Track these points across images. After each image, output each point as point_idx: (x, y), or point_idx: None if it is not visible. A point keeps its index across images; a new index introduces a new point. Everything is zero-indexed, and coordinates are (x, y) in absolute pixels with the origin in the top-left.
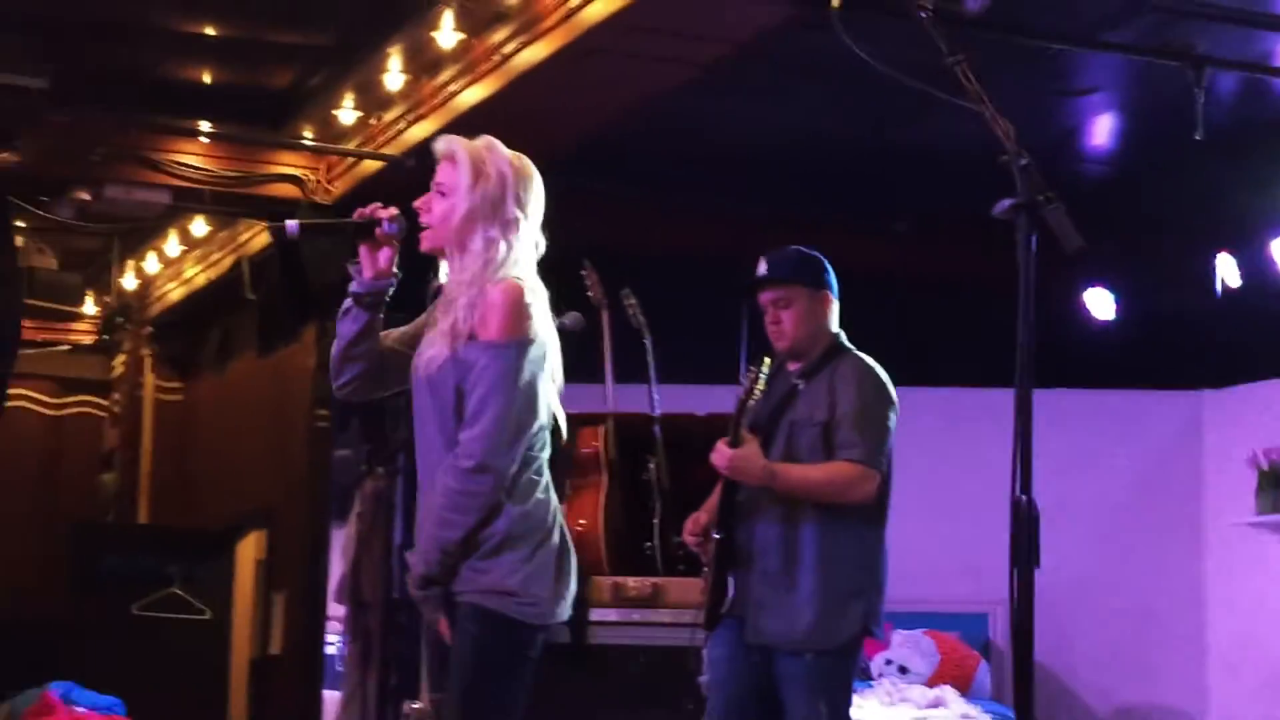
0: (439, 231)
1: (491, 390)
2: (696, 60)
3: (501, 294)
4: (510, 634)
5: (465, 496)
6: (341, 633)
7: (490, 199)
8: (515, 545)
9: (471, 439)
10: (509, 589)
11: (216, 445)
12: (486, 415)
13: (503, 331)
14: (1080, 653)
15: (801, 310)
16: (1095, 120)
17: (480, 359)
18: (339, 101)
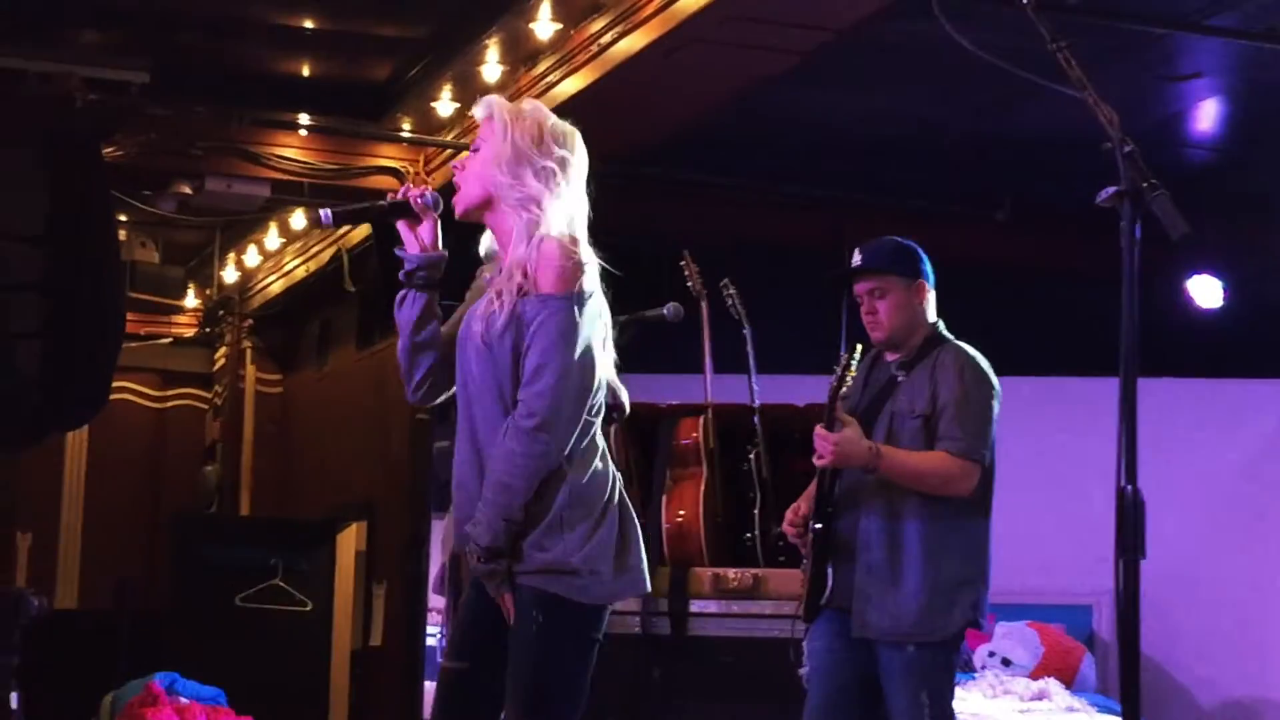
0: (470, 187)
1: (551, 344)
2: (795, 49)
3: (554, 246)
4: (576, 618)
5: (528, 458)
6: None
7: (524, 147)
8: (576, 520)
9: (534, 395)
10: (571, 567)
11: (317, 437)
12: (547, 371)
13: (558, 284)
14: (1185, 644)
15: (897, 300)
16: (1199, 105)
17: (538, 313)
18: (437, 93)
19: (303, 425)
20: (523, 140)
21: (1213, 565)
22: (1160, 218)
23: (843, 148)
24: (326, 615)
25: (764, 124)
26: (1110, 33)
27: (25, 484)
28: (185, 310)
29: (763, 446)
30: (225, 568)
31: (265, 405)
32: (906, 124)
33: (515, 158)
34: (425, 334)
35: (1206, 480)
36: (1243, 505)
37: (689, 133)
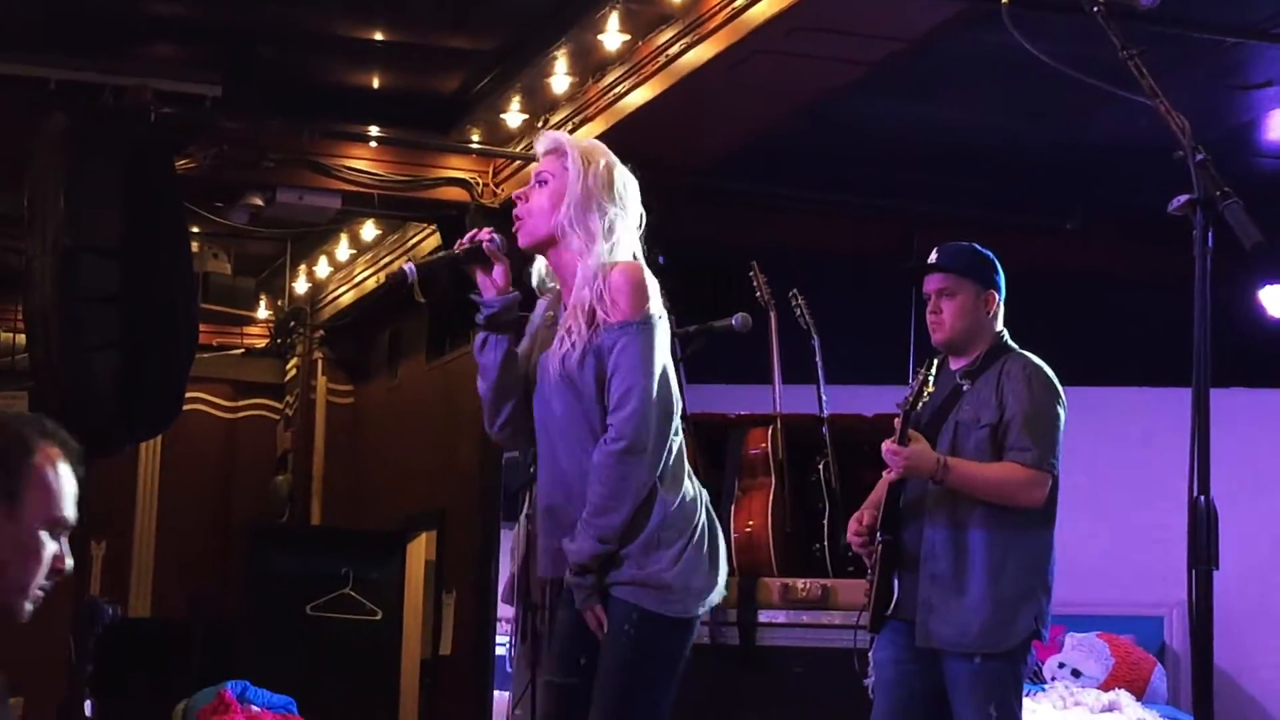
0: (537, 221)
1: (634, 369)
2: (863, 60)
3: (623, 274)
4: (669, 633)
5: (623, 480)
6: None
7: (595, 190)
8: (671, 539)
9: (623, 420)
10: (666, 583)
11: (387, 447)
12: (634, 395)
13: (632, 310)
14: (1258, 657)
15: (964, 304)
16: (1271, 114)
17: (617, 340)
18: (506, 105)
19: (373, 435)
20: (594, 183)
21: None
22: (1233, 226)
23: (912, 157)
24: (396, 624)
25: (833, 134)
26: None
27: (100, 493)
28: (257, 321)
29: (831, 457)
30: (296, 577)
31: (336, 415)
32: (976, 133)
33: (585, 200)
34: (509, 378)
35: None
36: None
37: (758, 143)
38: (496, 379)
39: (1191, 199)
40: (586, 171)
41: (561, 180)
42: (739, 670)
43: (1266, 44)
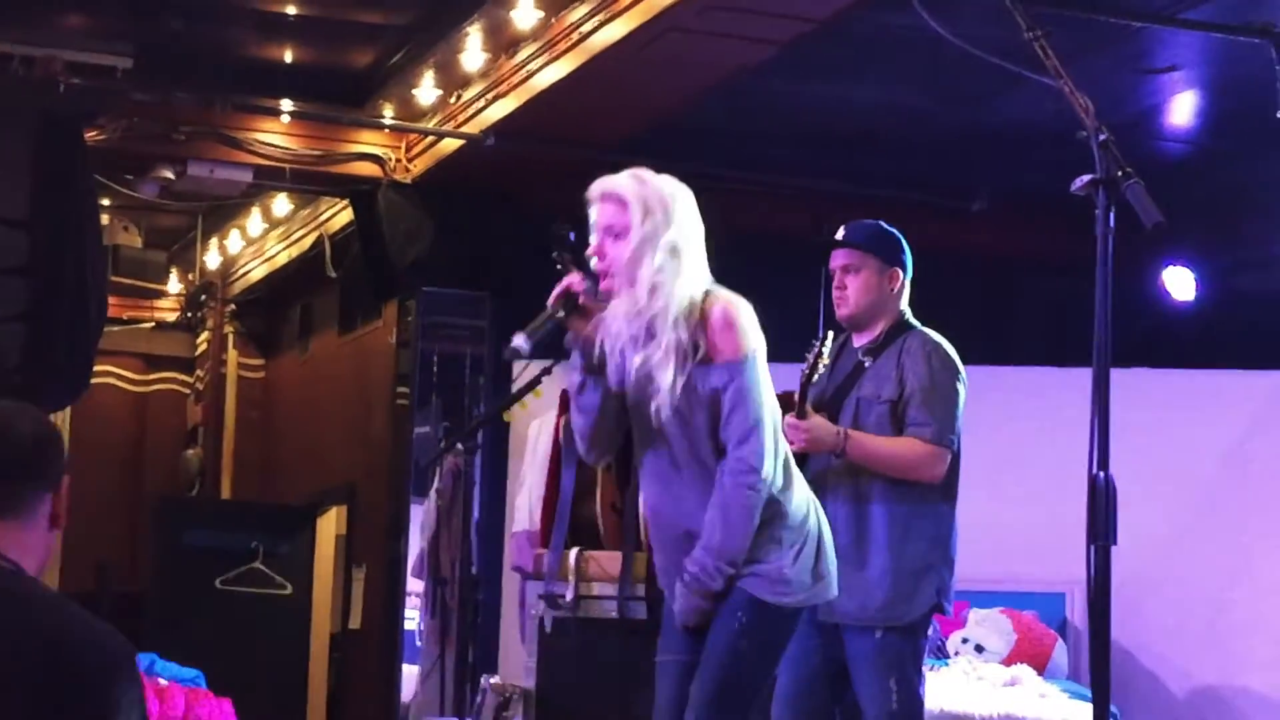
0: (619, 274)
1: (752, 406)
2: (773, 39)
3: (723, 313)
4: (777, 622)
5: (748, 509)
6: (421, 608)
7: (659, 228)
8: (790, 540)
9: (748, 454)
10: (785, 577)
11: (298, 422)
12: (755, 431)
13: (740, 348)
14: (1158, 634)
15: (869, 280)
16: (1175, 98)
17: (729, 380)
18: (419, 80)
19: (284, 410)
20: (659, 230)
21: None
22: (1134, 205)
23: (823, 138)
24: (306, 598)
25: (745, 114)
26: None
27: None
28: (167, 295)
29: None
30: (206, 551)
31: (247, 390)
32: (886, 114)
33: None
34: (607, 412)
35: (1179, 470)
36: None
37: (670, 122)
38: (597, 418)
39: (1094, 179)
40: (645, 222)
41: (631, 233)
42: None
43: (1172, 29)
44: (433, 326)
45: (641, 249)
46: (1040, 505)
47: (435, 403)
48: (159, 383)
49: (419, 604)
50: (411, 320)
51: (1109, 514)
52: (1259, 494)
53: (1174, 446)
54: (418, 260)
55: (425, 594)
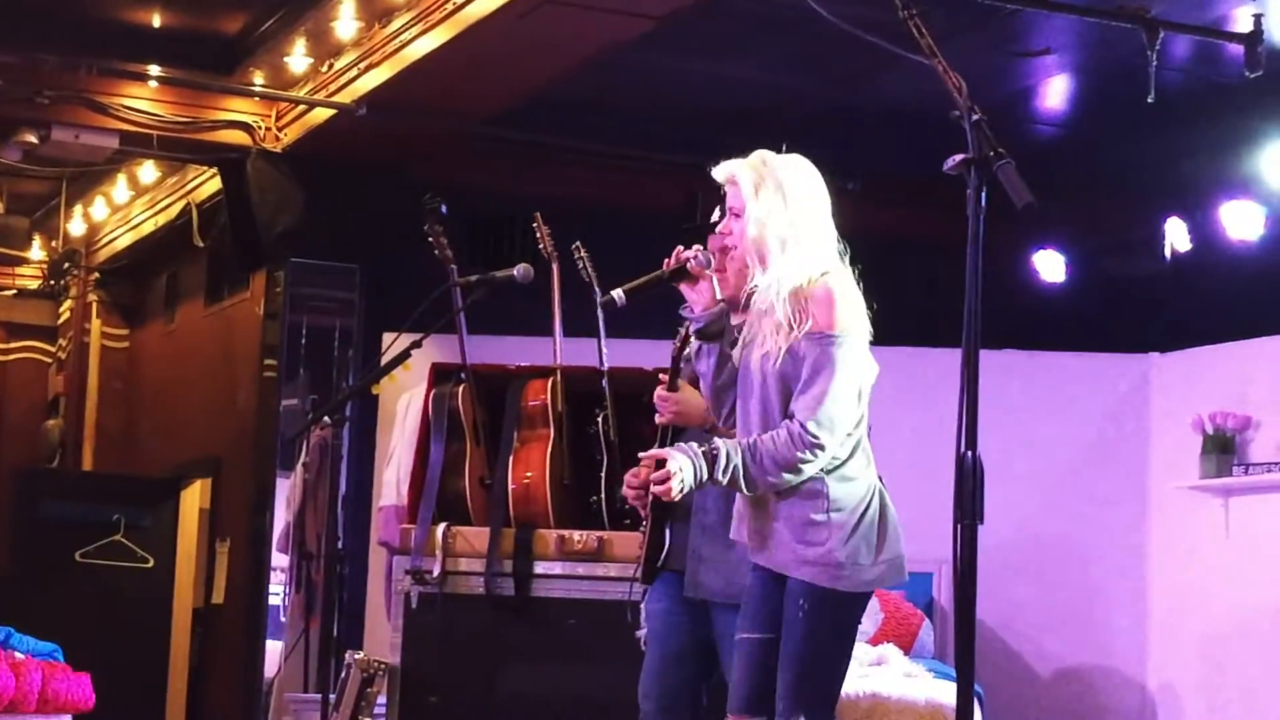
0: (742, 248)
1: (831, 380)
2: (649, 14)
3: (825, 289)
4: (839, 605)
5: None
6: (285, 583)
7: (775, 207)
8: (840, 521)
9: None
10: (837, 561)
11: (163, 393)
12: (826, 403)
13: (833, 324)
14: (1023, 613)
15: None
16: (1048, 82)
17: (813, 349)
18: (290, 48)
19: (148, 380)
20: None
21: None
22: (1005, 185)
23: (699, 115)
24: (168, 572)
25: (621, 89)
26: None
27: None
28: (29, 262)
29: (610, 410)
30: (66, 523)
31: (110, 359)
32: (762, 91)
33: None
34: (725, 377)
35: (1048, 452)
36: (1083, 477)
37: (546, 95)
38: (714, 382)
39: (966, 159)
40: (757, 199)
41: (747, 211)
42: (513, 621)
43: (1046, 12)
44: (301, 298)
45: (756, 227)
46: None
47: (303, 375)
48: (19, 351)
49: (283, 579)
50: (280, 291)
51: (976, 493)
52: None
53: (1041, 428)
54: (287, 231)
55: (290, 569)
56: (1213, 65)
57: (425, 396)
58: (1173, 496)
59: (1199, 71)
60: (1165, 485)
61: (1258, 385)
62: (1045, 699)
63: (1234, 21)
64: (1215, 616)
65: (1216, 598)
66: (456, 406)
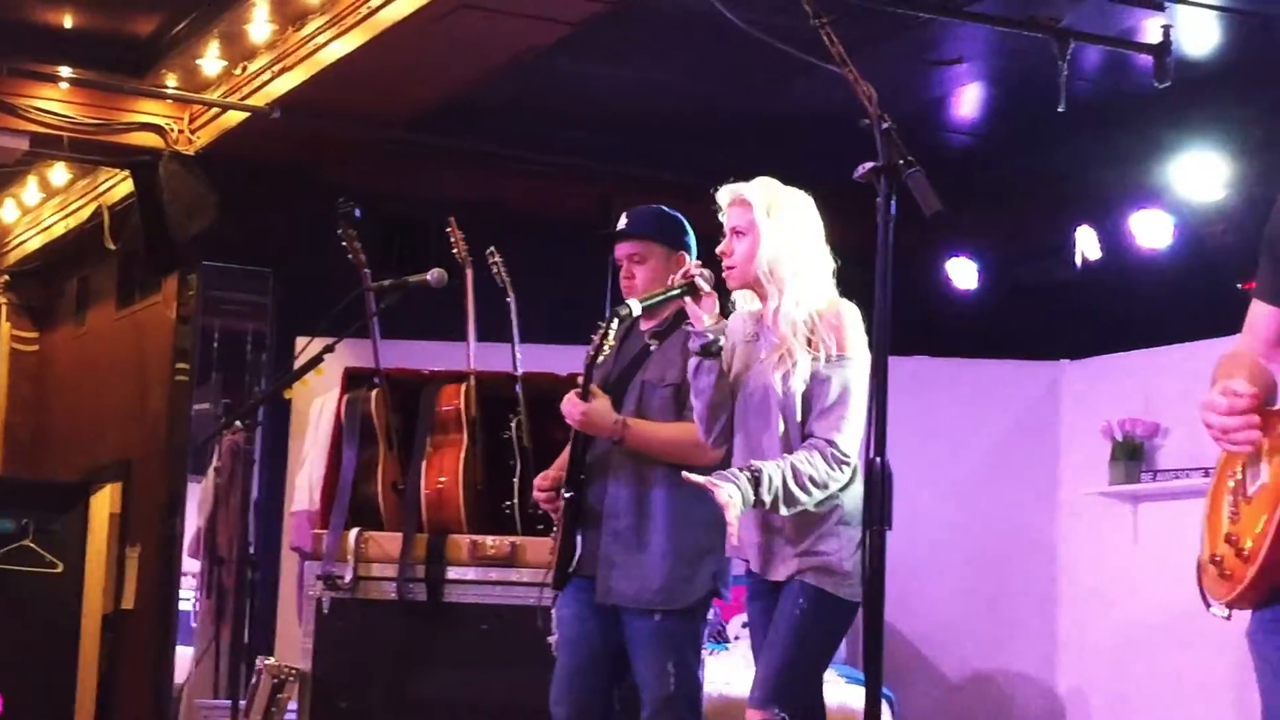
0: (744, 268)
1: (851, 402)
2: (565, 19)
3: (837, 314)
4: (836, 612)
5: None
6: (196, 588)
7: (785, 237)
8: (842, 532)
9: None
10: (842, 570)
11: (73, 396)
12: (848, 423)
13: (850, 346)
14: (933, 619)
15: (655, 268)
16: (960, 91)
17: (833, 372)
18: (203, 50)
19: (58, 384)
20: (783, 234)
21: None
22: (915, 193)
23: (614, 120)
24: (77, 577)
25: (538, 94)
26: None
27: None
28: None
29: (524, 415)
30: None
31: (19, 362)
32: (677, 98)
33: (777, 251)
34: (722, 394)
35: (959, 458)
36: (994, 483)
37: (462, 99)
38: (711, 398)
39: (875, 166)
40: (772, 224)
41: (755, 233)
42: (426, 627)
43: (958, 21)
44: (214, 301)
45: (762, 248)
46: None
47: (215, 379)
48: None
49: (194, 584)
50: (192, 295)
51: (885, 499)
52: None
53: (952, 434)
54: (200, 234)
55: (201, 574)
56: (1123, 75)
57: (338, 401)
58: (1082, 503)
59: (1109, 81)
60: (1075, 491)
61: (1166, 393)
62: (955, 703)
63: (1143, 32)
64: (1123, 622)
65: (1125, 603)
66: (370, 411)
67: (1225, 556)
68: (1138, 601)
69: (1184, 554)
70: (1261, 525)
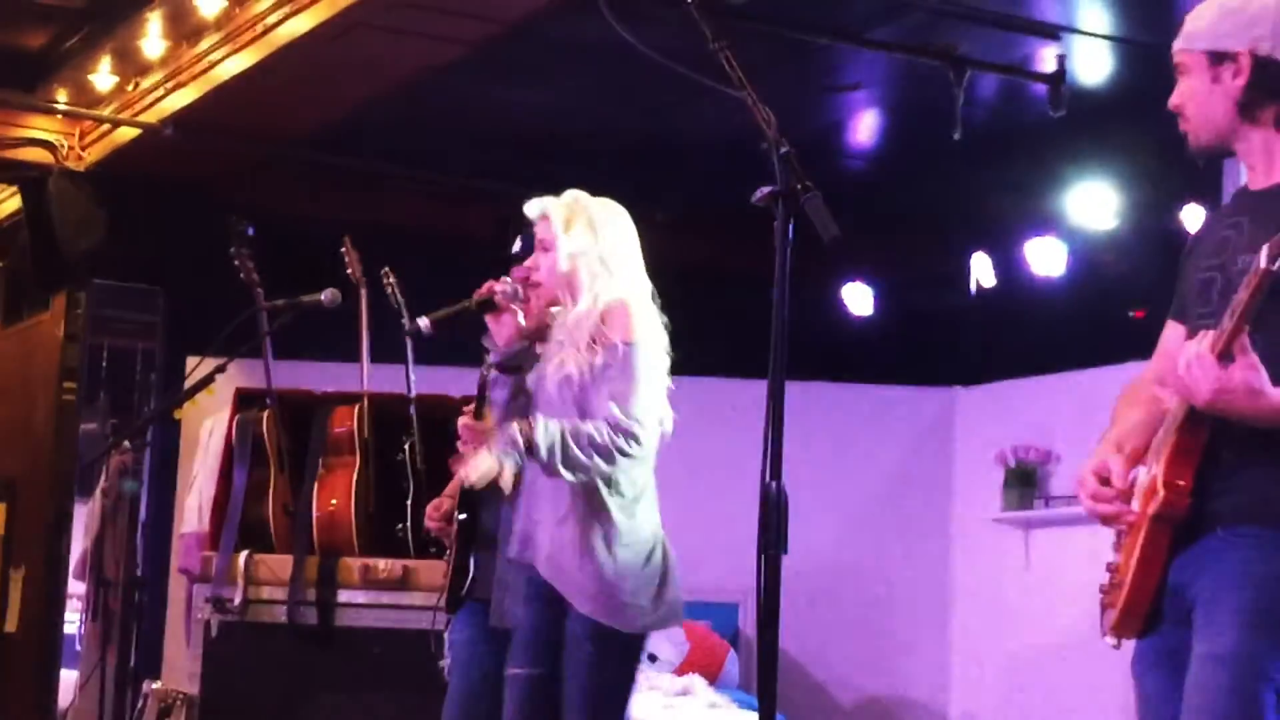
0: (550, 282)
1: (627, 378)
2: (464, 39)
3: (621, 304)
4: (626, 645)
5: (608, 451)
6: (81, 611)
7: (584, 242)
8: (627, 561)
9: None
10: (622, 602)
11: None
12: (635, 397)
13: (628, 334)
14: (827, 644)
15: None
16: (858, 117)
17: (613, 358)
18: (95, 66)
19: None
20: (579, 245)
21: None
22: (812, 218)
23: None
24: None
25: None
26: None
27: None
28: None
29: (417, 437)
30: None
31: None
32: (573, 120)
33: (573, 262)
34: (517, 409)
35: (853, 483)
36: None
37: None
38: (505, 411)
39: (773, 191)
40: (569, 237)
41: (556, 246)
42: (317, 650)
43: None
44: (103, 320)
45: (568, 261)
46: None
47: (103, 399)
48: None
49: (79, 607)
50: (81, 313)
51: (780, 523)
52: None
53: (846, 459)
54: (89, 251)
55: (87, 596)
56: (1018, 104)
57: (229, 421)
58: (975, 528)
59: (1005, 110)
60: (968, 517)
61: (1060, 419)
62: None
63: (1039, 61)
64: (1015, 647)
65: (1017, 629)
66: (261, 432)
67: (1109, 587)
68: (1029, 627)
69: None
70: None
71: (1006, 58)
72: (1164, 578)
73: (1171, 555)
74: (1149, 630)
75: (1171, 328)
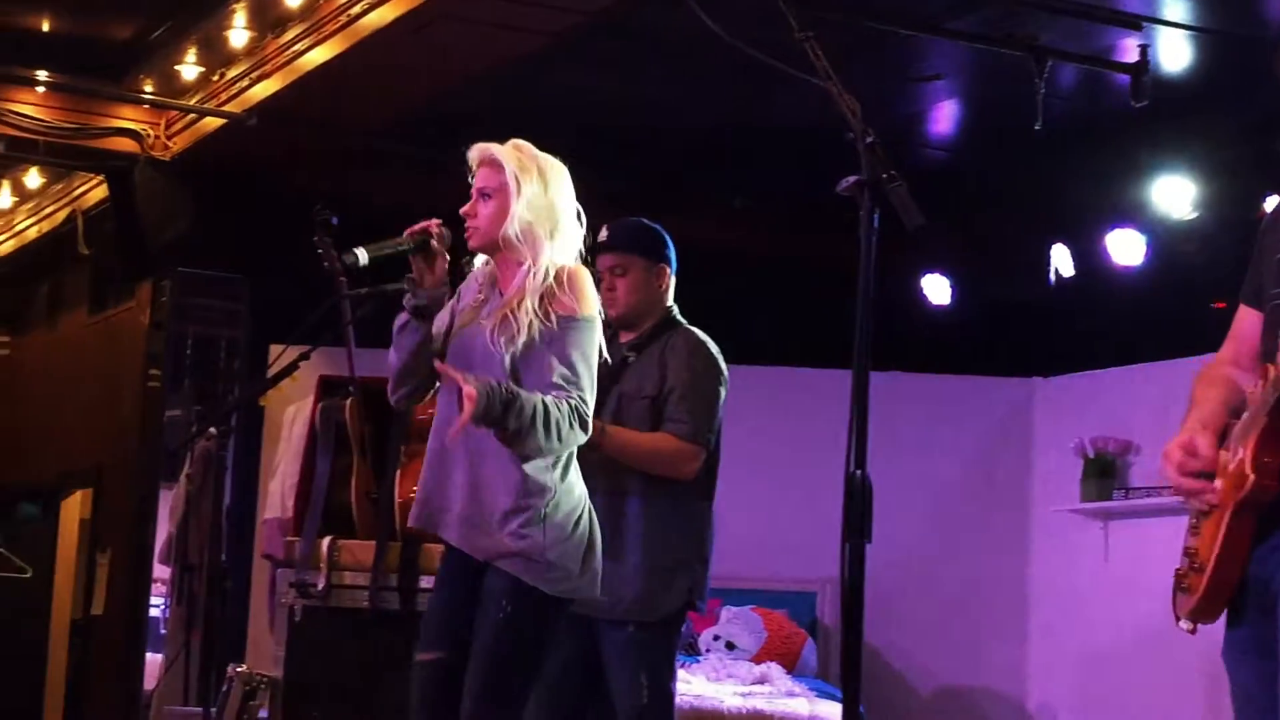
0: (487, 230)
1: (581, 358)
2: (546, 30)
3: (574, 276)
4: (543, 608)
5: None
6: (166, 595)
7: (535, 201)
8: (557, 522)
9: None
10: (548, 560)
11: (45, 401)
12: (581, 379)
13: (583, 307)
14: (906, 633)
15: (636, 280)
16: (938, 107)
17: (567, 332)
18: (181, 56)
19: (29, 389)
20: (533, 197)
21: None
22: (897, 207)
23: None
24: (47, 582)
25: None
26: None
27: None
28: None
29: None
30: None
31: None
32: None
33: (526, 214)
34: (420, 360)
35: (933, 474)
36: (967, 499)
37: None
38: (409, 359)
39: (859, 180)
40: (524, 186)
41: (504, 195)
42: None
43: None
44: (188, 308)
45: (510, 210)
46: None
47: (188, 386)
48: None
49: (164, 591)
50: (166, 301)
51: (864, 512)
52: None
53: (928, 450)
54: (174, 240)
55: (171, 581)
56: (1100, 94)
57: (312, 409)
58: (1054, 519)
59: (1086, 100)
60: (1047, 508)
61: (1139, 410)
62: (925, 717)
63: (1121, 51)
64: (1093, 638)
65: (1095, 620)
66: (344, 419)
67: (1186, 570)
68: (1107, 619)
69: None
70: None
71: (1088, 48)
72: (1247, 567)
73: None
74: (1231, 620)
75: (1245, 311)
